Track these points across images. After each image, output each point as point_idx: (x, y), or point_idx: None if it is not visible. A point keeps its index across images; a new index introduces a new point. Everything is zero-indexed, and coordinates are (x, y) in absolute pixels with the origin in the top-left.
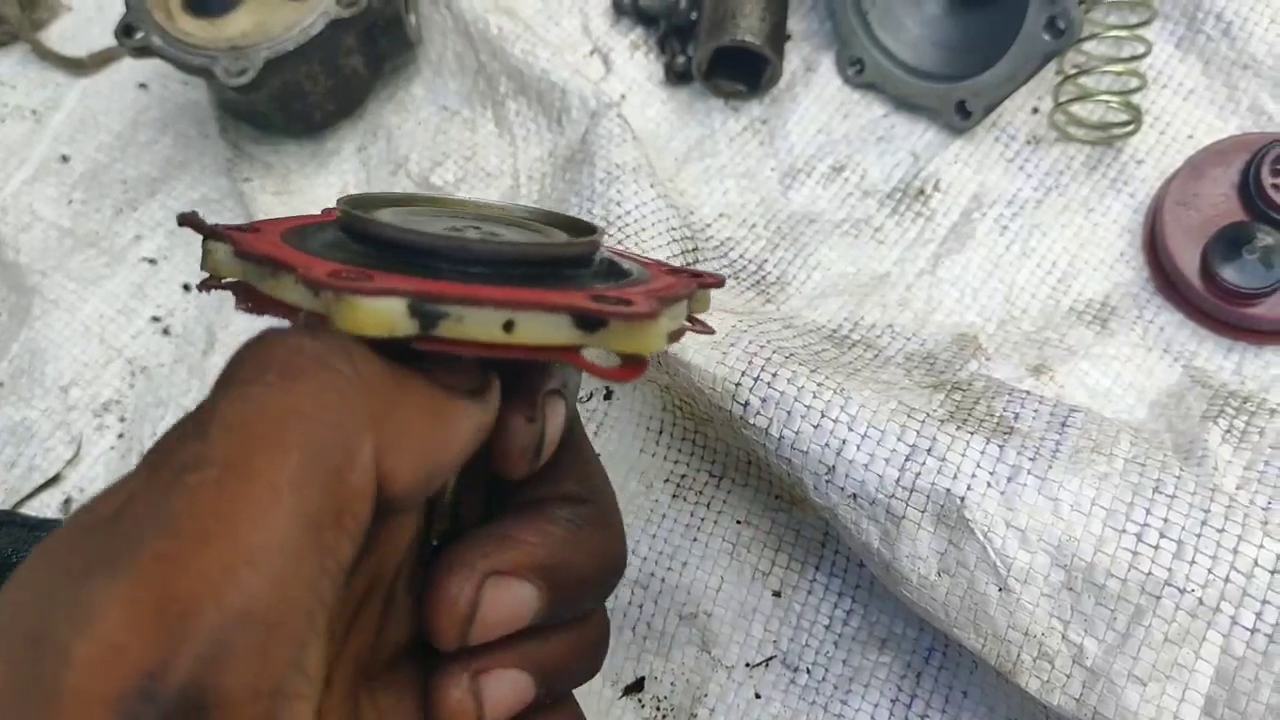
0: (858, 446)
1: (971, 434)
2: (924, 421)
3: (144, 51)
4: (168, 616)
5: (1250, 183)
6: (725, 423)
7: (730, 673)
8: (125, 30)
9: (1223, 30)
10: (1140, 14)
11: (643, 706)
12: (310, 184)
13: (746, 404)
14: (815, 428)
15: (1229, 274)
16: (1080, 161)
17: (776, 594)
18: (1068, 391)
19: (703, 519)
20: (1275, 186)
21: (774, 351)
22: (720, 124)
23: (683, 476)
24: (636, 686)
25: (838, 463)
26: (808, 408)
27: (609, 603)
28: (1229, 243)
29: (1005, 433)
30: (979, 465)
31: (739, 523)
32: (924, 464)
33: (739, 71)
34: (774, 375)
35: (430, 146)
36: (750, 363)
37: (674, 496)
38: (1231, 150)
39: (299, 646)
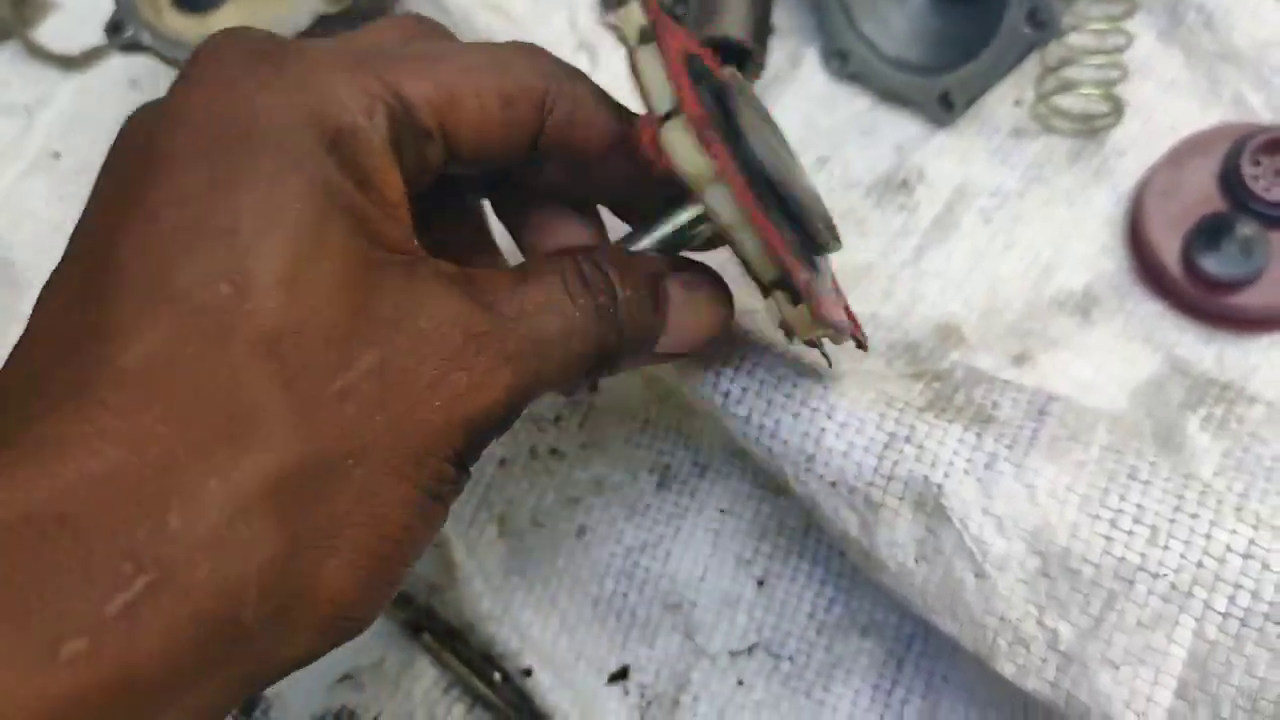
0: (837, 435)
1: (950, 422)
2: (903, 410)
3: (132, 48)
4: None
5: (1230, 173)
6: (708, 413)
7: (714, 660)
8: (113, 27)
9: (1205, 21)
10: (1122, 6)
11: (627, 694)
12: None
13: (727, 394)
14: (795, 417)
15: (1209, 264)
16: (1063, 153)
17: (760, 582)
18: (1050, 381)
19: (686, 508)
20: (1255, 177)
21: (754, 341)
22: None
23: (666, 467)
24: (621, 674)
25: (817, 451)
26: (787, 398)
27: (592, 590)
28: (1209, 233)
29: (984, 421)
30: (956, 453)
31: (722, 512)
32: (902, 452)
33: (725, 64)
34: (755, 365)
35: None
36: (731, 353)
37: (659, 486)
38: (1212, 141)
39: None
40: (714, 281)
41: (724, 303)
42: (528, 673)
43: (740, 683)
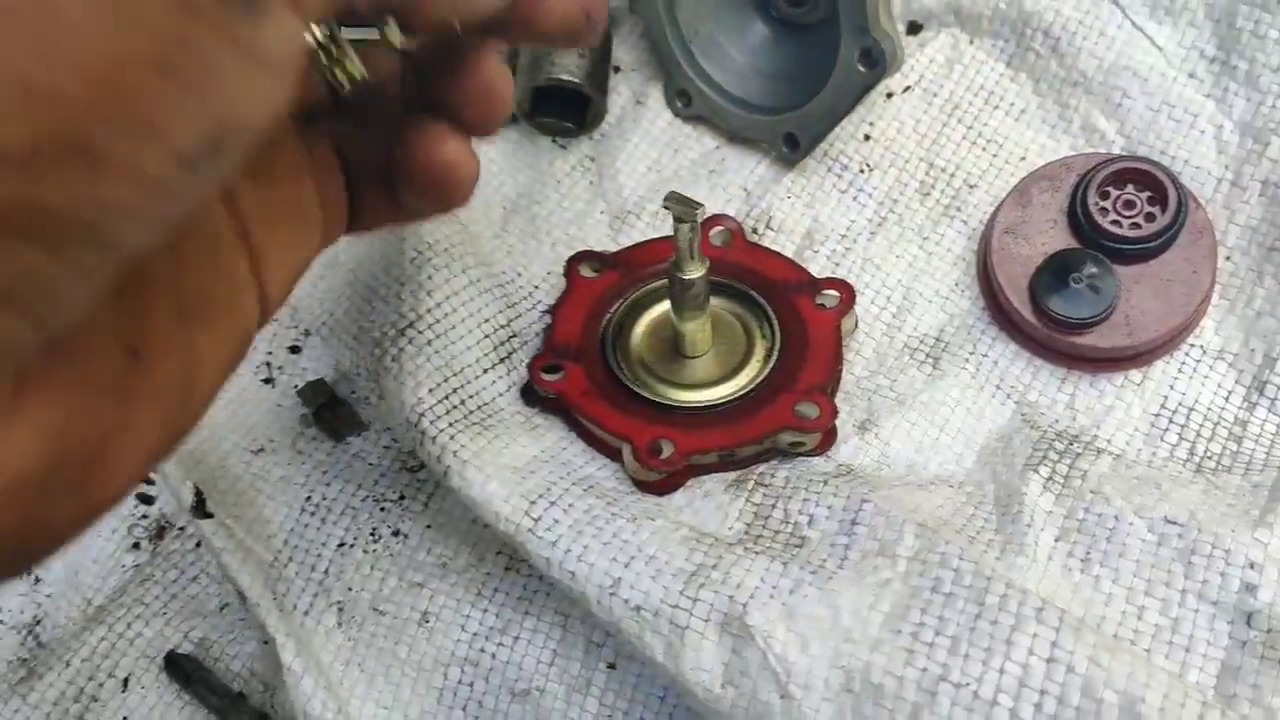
0: (646, 562)
1: (758, 554)
2: (712, 545)
3: None
4: None
5: (1077, 208)
6: (509, 538)
7: None
8: None
9: (1051, 47)
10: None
11: None
12: None
13: (539, 519)
14: (604, 545)
15: (1057, 305)
16: (914, 187)
17: (611, 666)
18: (893, 448)
19: (535, 591)
20: (1103, 210)
21: (573, 483)
22: (549, 164)
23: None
24: None
25: (624, 574)
26: (598, 530)
27: (436, 681)
28: (1055, 273)
29: (796, 545)
30: (763, 579)
31: None
32: (709, 577)
33: (565, 109)
34: (570, 505)
35: None
36: (549, 489)
37: (506, 569)
38: (1060, 173)
39: None
40: None
41: None
42: None
43: None
